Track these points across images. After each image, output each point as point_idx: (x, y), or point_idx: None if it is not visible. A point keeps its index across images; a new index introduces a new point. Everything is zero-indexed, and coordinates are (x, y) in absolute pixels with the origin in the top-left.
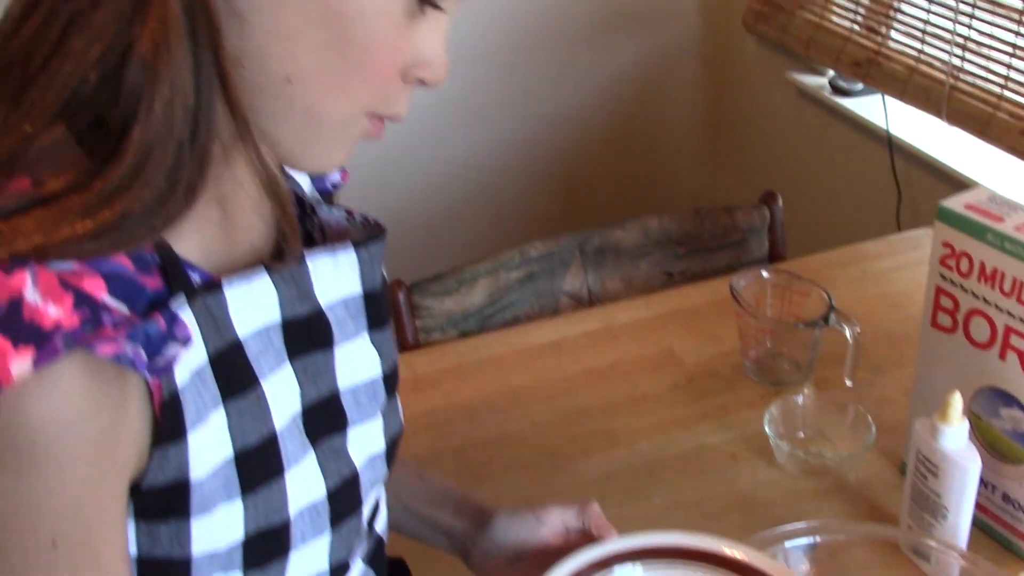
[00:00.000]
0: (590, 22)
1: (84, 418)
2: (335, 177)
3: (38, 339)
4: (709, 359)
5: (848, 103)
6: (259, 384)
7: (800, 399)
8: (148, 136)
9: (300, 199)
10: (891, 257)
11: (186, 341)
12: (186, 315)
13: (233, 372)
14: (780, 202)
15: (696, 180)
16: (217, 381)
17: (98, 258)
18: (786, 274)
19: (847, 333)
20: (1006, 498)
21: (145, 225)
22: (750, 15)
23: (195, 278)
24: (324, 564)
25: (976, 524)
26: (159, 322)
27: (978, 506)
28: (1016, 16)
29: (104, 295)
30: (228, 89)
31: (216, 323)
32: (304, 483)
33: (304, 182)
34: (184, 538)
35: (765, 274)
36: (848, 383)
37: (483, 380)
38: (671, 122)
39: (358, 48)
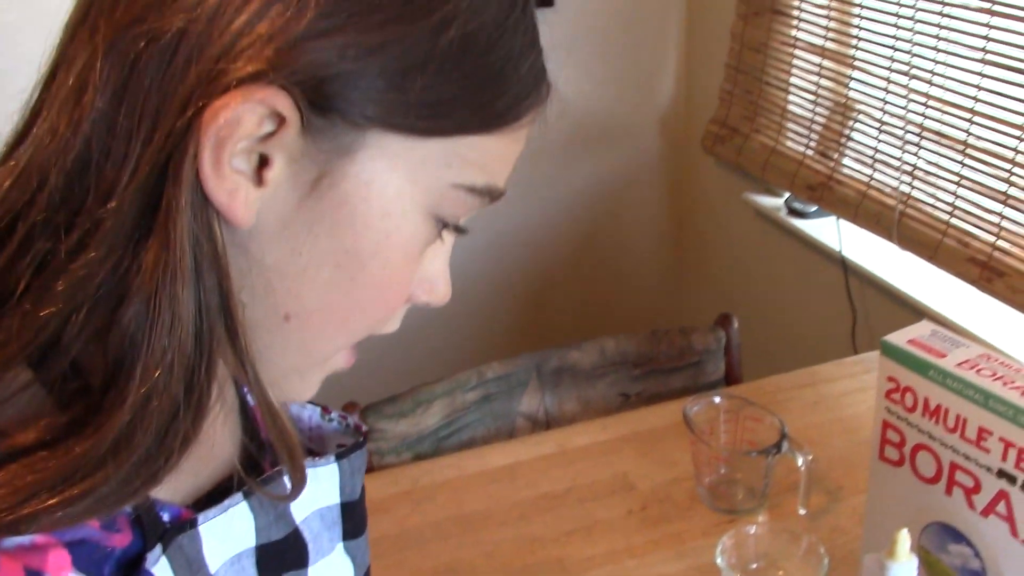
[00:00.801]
0: (551, 142)
1: None
2: None
3: None
4: (664, 485)
5: (803, 225)
6: None
7: (753, 529)
8: (145, 388)
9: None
10: (846, 380)
11: None
12: (161, 567)
13: None
14: (736, 324)
15: (657, 300)
16: None
17: (65, 528)
18: (739, 400)
19: (799, 461)
20: None
21: (128, 489)
22: (708, 138)
23: (165, 517)
24: None
25: None
26: None
27: None
28: (960, 147)
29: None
30: (231, 330)
31: (189, 565)
32: None
33: None
34: None
35: (717, 400)
36: (802, 511)
37: (436, 506)
38: (632, 242)
39: (369, 287)
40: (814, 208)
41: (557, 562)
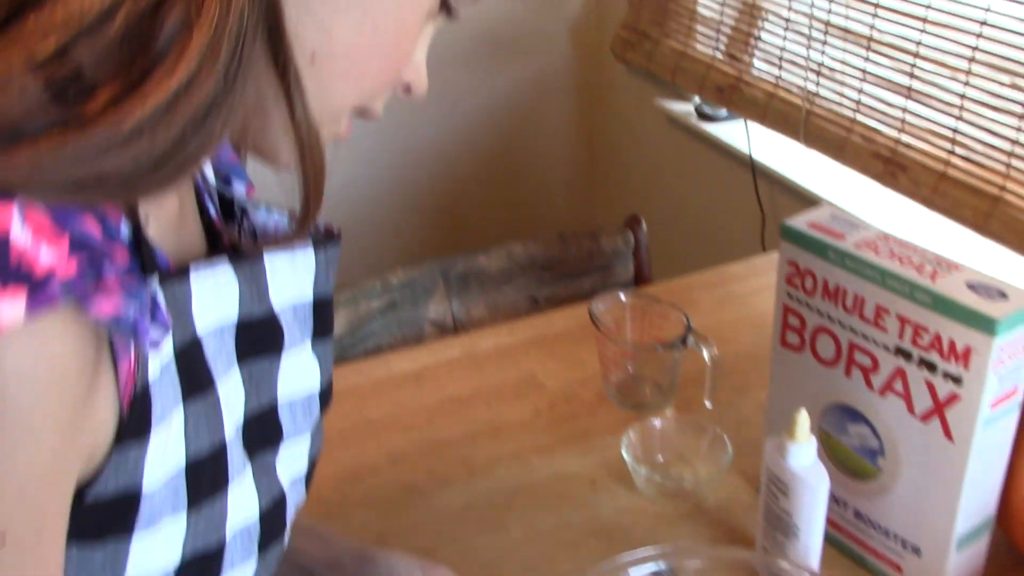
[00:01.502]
0: (463, 50)
1: (66, 382)
2: (240, 190)
3: (31, 283)
4: (571, 385)
5: (713, 128)
6: (215, 387)
7: (658, 423)
8: (177, 82)
9: (228, 200)
10: (754, 278)
11: (166, 328)
12: (159, 300)
13: (193, 371)
14: (644, 226)
15: (568, 207)
16: (180, 378)
17: (72, 209)
18: (645, 297)
19: (705, 354)
20: (857, 515)
21: (136, 182)
22: (618, 43)
23: (161, 261)
24: None
25: (830, 542)
26: (145, 294)
27: (831, 524)
28: (864, 42)
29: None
30: (275, 38)
31: (181, 315)
32: (242, 501)
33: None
34: (120, 564)
35: (624, 297)
36: (708, 405)
37: (339, 413)
38: (543, 149)
39: (385, 36)
40: (724, 113)
41: (463, 463)
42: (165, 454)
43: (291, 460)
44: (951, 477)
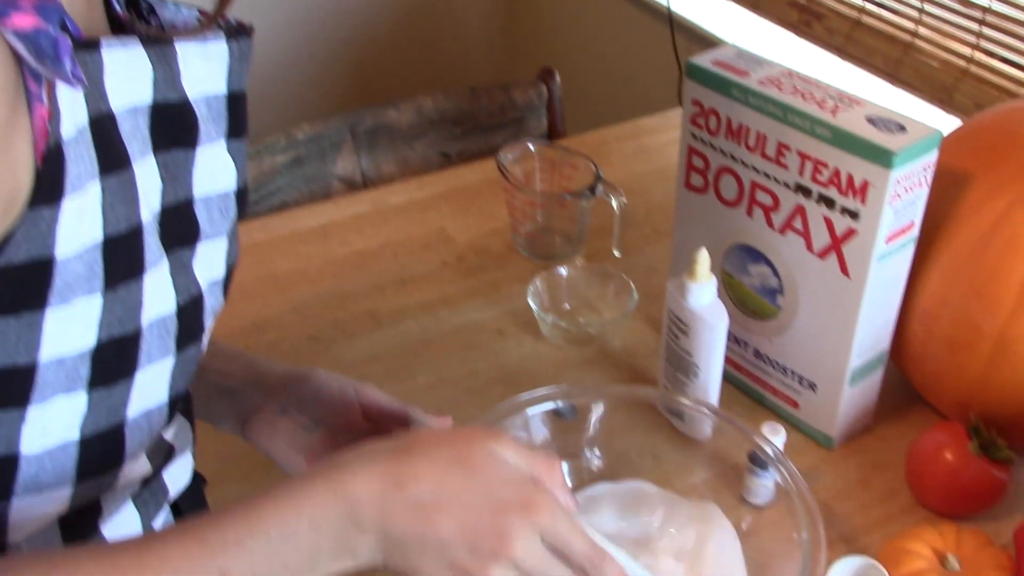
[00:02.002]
0: None
1: None
2: None
3: None
4: (481, 237)
5: None
6: (131, 167)
7: (565, 271)
8: None
9: None
10: (668, 132)
11: (80, 82)
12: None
13: (109, 146)
14: (558, 79)
15: (483, 60)
16: (96, 150)
17: None
18: (555, 147)
19: (613, 203)
20: (757, 354)
21: None
22: None
23: (72, 28)
24: (164, 394)
25: (730, 382)
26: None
27: (732, 364)
28: None
29: None
30: None
31: (94, 86)
32: (157, 292)
33: None
34: (34, 339)
35: (532, 147)
36: (616, 253)
37: (241, 268)
38: (456, 1)
39: None
40: None
41: (369, 315)
42: (79, 226)
43: (208, 262)
44: (847, 312)
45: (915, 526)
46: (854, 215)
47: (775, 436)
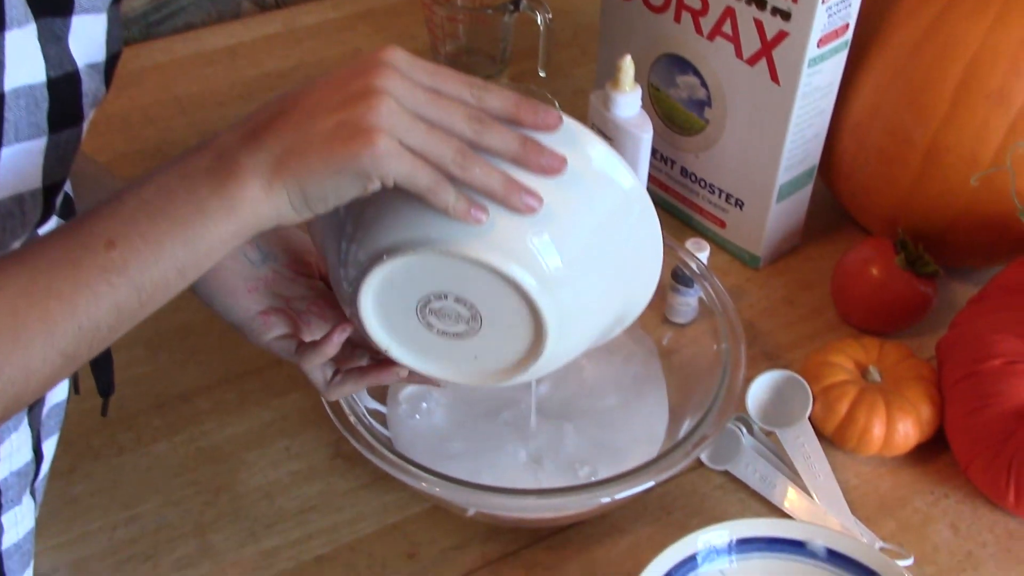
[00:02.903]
0: None
1: None
2: None
3: None
4: None
5: None
6: None
7: None
8: None
9: None
10: None
11: None
12: None
13: None
14: None
15: None
16: None
17: None
18: None
19: (539, 20)
20: (684, 172)
21: None
22: None
23: None
24: (38, 179)
25: (657, 203)
26: None
27: (658, 184)
28: None
29: None
30: None
31: None
32: (23, 56)
33: None
34: None
35: None
36: (542, 74)
37: (143, 90)
38: None
39: None
40: None
41: None
42: None
43: (85, 40)
44: (776, 123)
45: (838, 340)
46: (786, 15)
47: (700, 252)
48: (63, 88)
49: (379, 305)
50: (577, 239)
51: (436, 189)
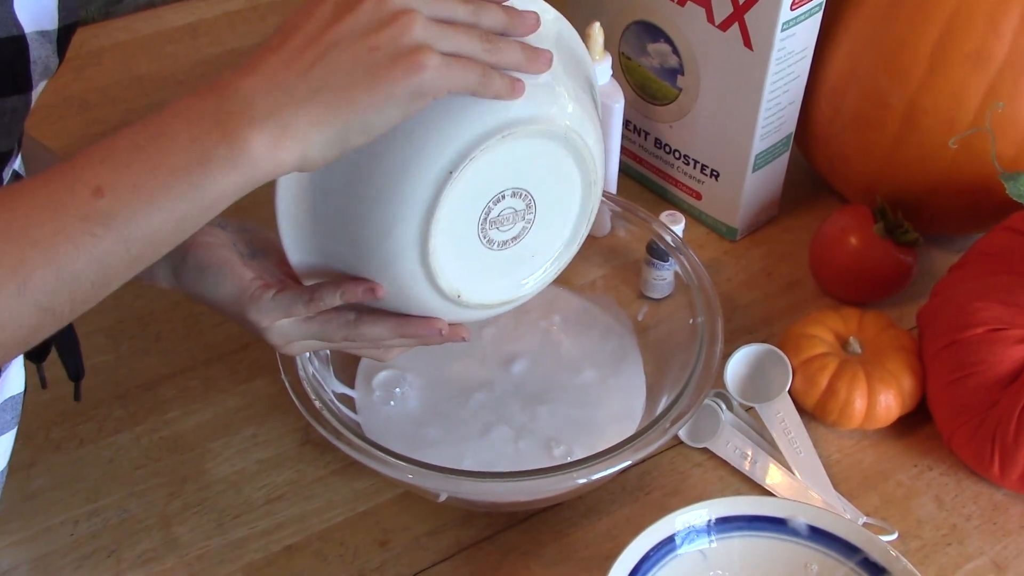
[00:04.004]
0: None
1: None
2: None
3: None
4: None
5: None
6: None
7: None
8: None
9: None
10: None
11: None
12: None
13: None
14: None
15: None
16: None
17: None
18: None
19: None
20: (658, 143)
21: None
22: None
23: None
24: None
25: (631, 176)
26: None
27: (632, 156)
28: None
29: None
30: None
31: None
32: None
33: None
34: None
35: None
36: None
37: (102, 70)
38: None
39: None
40: None
41: None
42: None
43: (34, 5)
44: (750, 90)
45: (818, 312)
46: None
47: (675, 225)
48: (6, 51)
49: (447, 246)
50: (567, 76)
51: (485, 80)
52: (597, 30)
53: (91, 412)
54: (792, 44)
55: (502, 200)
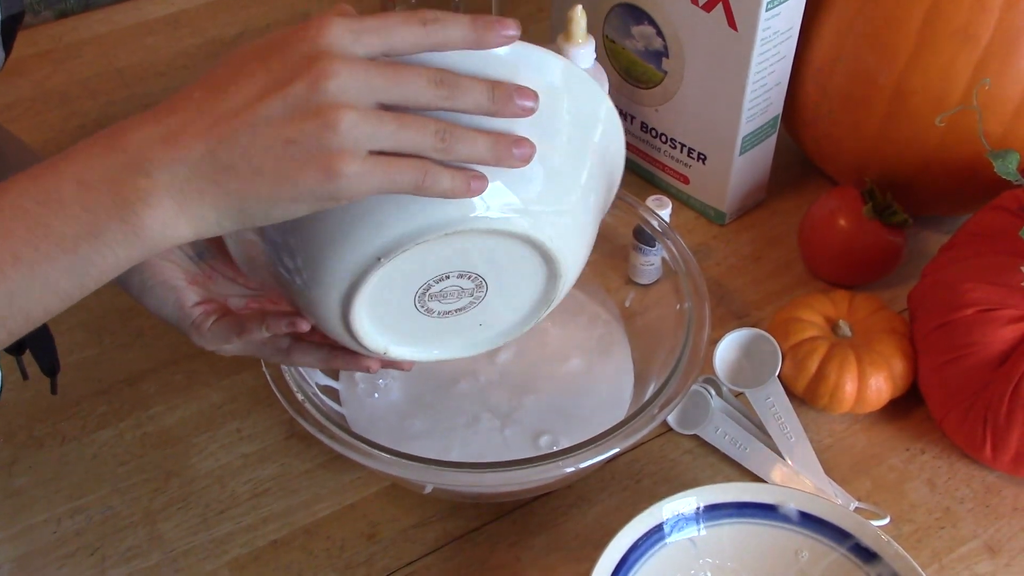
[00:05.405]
0: None
1: None
2: None
3: None
4: None
5: None
6: None
7: None
8: None
9: None
10: None
11: None
12: None
13: None
14: None
15: None
16: None
17: None
18: None
19: None
20: (644, 127)
21: None
22: None
23: None
24: None
25: None
26: None
27: None
28: None
29: None
30: None
31: None
32: None
33: None
34: None
35: None
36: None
37: (82, 63)
38: None
39: None
40: None
41: None
42: None
43: None
44: (735, 71)
45: (807, 295)
46: None
47: (661, 209)
48: None
49: (373, 312)
50: (564, 159)
51: (425, 181)
52: (579, 13)
53: (73, 408)
54: (777, 24)
55: (445, 279)
